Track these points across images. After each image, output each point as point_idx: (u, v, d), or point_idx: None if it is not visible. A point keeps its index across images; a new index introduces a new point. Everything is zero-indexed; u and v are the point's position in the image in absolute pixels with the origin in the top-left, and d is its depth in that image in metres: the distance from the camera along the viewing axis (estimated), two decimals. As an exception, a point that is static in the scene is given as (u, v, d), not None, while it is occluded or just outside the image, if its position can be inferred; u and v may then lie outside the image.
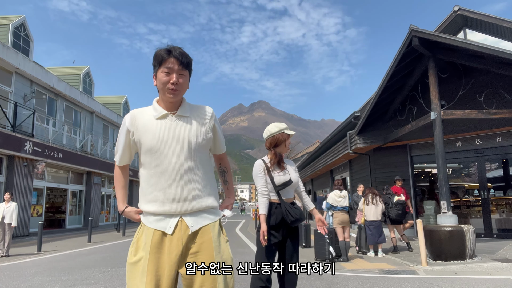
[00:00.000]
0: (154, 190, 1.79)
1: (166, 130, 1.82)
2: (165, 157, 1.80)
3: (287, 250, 3.01)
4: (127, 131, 1.88)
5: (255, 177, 3.12)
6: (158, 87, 1.86)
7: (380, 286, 5.09)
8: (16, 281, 5.79)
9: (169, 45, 1.87)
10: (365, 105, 12.41)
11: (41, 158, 15.25)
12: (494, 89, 8.93)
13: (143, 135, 1.84)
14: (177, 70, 1.81)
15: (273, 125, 3.24)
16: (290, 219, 2.94)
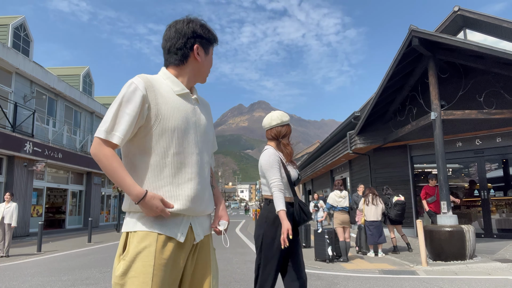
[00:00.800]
0: (168, 183, 1.43)
1: (190, 112, 1.53)
2: (189, 144, 1.49)
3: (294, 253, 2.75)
4: (143, 98, 1.41)
5: (269, 168, 2.65)
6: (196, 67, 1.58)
7: (380, 286, 5.09)
8: (16, 281, 5.80)
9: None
10: (365, 105, 12.42)
11: (41, 158, 15.25)
12: (494, 89, 8.93)
13: (165, 109, 1.45)
14: None
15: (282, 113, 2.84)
16: (303, 219, 2.69)
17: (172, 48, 1.55)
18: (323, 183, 21.53)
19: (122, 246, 1.41)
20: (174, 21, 1.59)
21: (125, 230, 1.44)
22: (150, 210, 1.37)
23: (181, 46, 1.54)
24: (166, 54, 1.58)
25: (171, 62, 1.56)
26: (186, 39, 1.54)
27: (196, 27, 1.56)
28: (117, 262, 1.39)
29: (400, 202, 8.57)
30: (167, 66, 1.59)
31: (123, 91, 1.42)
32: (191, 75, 1.58)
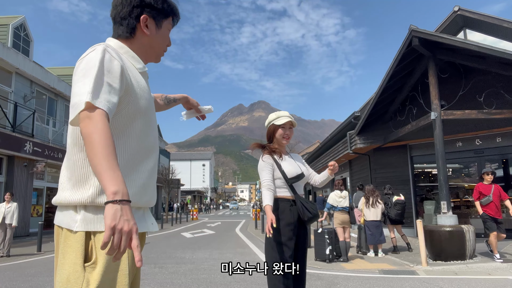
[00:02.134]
0: (136, 171, 1.25)
1: (149, 93, 1.38)
2: (153, 128, 1.35)
3: (299, 249, 2.77)
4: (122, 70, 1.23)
5: (260, 171, 2.80)
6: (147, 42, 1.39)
7: (380, 286, 5.10)
8: (16, 281, 5.79)
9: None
10: (365, 105, 12.42)
11: (41, 158, 15.25)
12: (494, 89, 8.93)
13: (137, 87, 1.28)
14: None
15: (273, 113, 2.97)
16: (307, 216, 2.69)
17: (117, 17, 1.36)
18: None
19: (81, 251, 1.12)
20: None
21: (83, 229, 1.14)
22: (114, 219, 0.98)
23: (125, 15, 1.34)
24: (113, 24, 1.39)
25: (119, 35, 1.37)
26: (132, 7, 1.34)
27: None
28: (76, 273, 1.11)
29: (400, 201, 8.57)
30: (116, 38, 1.38)
31: (96, 57, 1.17)
32: (142, 51, 1.39)
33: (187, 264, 7.17)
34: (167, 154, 42.89)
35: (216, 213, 48.08)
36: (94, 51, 1.20)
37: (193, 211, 28.77)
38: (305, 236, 2.83)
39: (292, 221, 2.70)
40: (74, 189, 1.17)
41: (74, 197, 1.16)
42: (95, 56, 1.18)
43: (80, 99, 1.09)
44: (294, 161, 2.91)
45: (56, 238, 1.24)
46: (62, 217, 1.20)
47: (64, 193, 1.19)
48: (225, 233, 15.14)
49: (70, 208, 1.19)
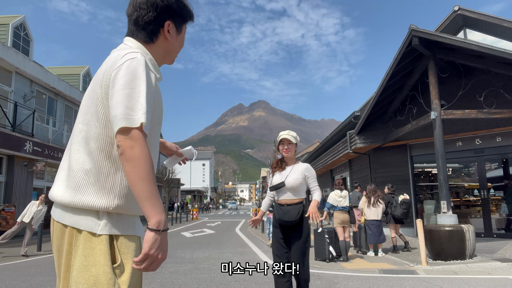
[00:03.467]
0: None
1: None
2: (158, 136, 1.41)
3: (292, 248, 3.25)
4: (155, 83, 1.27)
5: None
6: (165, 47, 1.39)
7: (380, 286, 5.10)
8: (16, 280, 5.79)
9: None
10: (365, 105, 12.42)
11: (41, 158, 15.25)
12: (494, 89, 8.93)
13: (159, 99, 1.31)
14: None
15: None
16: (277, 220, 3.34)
17: (140, 20, 1.33)
18: (323, 183, 21.54)
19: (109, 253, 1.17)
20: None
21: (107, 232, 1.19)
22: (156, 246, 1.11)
23: (150, 20, 1.33)
24: (131, 24, 1.36)
25: (138, 37, 1.36)
26: (157, 13, 1.33)
27: (171, 1, 1.36)
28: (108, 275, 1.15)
29: (407, 200, 8.61)
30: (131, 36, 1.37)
31: (140, 68, 1.20)
32: (160, 55, 1.39)
33: (187, 264, 7.17)
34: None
35: (216, 212, 48.10)
36: (136, 60, 1.21)
37: (193, 211, 28.78)
38: (298, 237, 3.20)
39: (276, 222, 3.38)
40: (99, 195, 1.20)
41: (99, 203, 1.19)
42: (138, 67, 1.20)
43: (135, 116, 1.13)
44: (290, 172, 3.38)
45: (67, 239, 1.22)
46: (79, 219, 1.20)
47: (86, 197, 1.20)
48: (225, 233, 15.14)
49: (91, 212, 1.20)
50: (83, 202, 1.19)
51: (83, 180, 1.21)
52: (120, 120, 1.12)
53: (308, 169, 3.40)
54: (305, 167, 3.40)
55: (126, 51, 1.24)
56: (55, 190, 1.27)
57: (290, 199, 3.31)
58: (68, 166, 1.26)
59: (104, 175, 1.21)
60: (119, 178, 1.22)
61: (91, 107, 1.24)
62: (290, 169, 3.38)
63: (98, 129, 1.21)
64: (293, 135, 3.45)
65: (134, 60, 1.20)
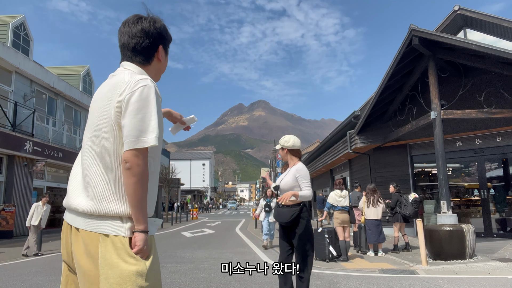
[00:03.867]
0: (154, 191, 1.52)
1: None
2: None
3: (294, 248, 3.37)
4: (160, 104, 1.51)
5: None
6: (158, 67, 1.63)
7: (380, 286, 5.10)
8: (16, 280, 5.80)
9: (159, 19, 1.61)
10: (365, 105, 12.41)
11: (41, 158, 15.25)
12: (494, 89, 8.93)
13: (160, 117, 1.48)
14: None
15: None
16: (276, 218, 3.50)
17: (138, 47, 1.54)
18: (323, 183, 21.53)
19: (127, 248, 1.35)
20: (136, 17, 1.57)
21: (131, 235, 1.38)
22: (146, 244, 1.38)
23: (147, 46, 1.54)
24: (129, 51, 1.55)
25: (135, 60, 1.56)
26: (152, 39, 1.55)
27: (161, 28, 1.59)
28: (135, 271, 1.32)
29: (418, 199, 8.65)
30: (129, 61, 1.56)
31: (153, 95, 1.40)
32: (153, 75, 1.60)
33: (187, 264, 7.17)
34: (167, 154, 42.83)
35: (216, 212, 48.09)
36: (147, 87, 1.40)
37: (193, 211, 28.77)
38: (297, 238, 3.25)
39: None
40: (121, 202, 1.37)
41: (122, 209, 1.37)
42: (150, 94, 1.39)
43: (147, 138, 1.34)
44: (286, 174, 3.53)
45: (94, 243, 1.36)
46: (105, 226, 1.36)
47: (110, 205, 1.36)
48: (225, 233, 15.14)
49: (115, 218, 1.37)
50: (108, 210, 1.35)
51: (105, 190, 1.37)
52: (132, 142, 1.33)
53: (298, 169, 3.44)
54: (296, 168, 3.46)
55: (138, 77, 1.43)
56: (74, 200, 1.42)
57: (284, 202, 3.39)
58: (84, 178, 1.41)
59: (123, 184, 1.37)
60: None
61: (103, 126, 1.40)
62: (287, 172, 3.56)
63: (114, 146, 1.39)
64: (282, 141, 3.62)
65: (146, 87, 1.39)
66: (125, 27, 1.55)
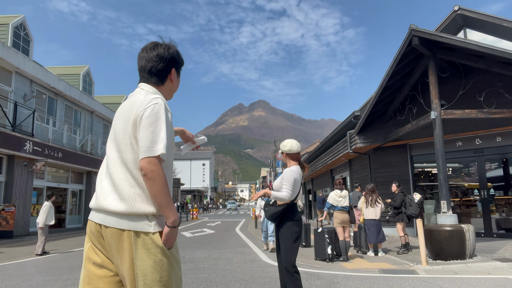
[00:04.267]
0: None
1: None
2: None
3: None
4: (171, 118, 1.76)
5: None
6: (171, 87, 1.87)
7: (380, 286, 5.10)
8: (16, 280, 5.80)
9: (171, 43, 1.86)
10: (365, 105, 12.41)
11: (41, 158, 15.25)
12: (494, 89, 8.93)
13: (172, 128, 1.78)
14: None
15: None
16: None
17: (153, 70, 1.78)
18: (323, 183, 21.53)
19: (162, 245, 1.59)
20: (153, 44, 1.82)
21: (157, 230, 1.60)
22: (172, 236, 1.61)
23: (161, 68, 1.79)
24: (145, 73, 1.79)
25: (151, 81, 1.80)
26: (166, 63, 1.79)
27: (174, 54, 1.83)
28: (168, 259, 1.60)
29: (422, 199, 8.72)
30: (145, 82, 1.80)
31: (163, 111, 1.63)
32: (166, 94, 1.84)
33: (187, 263, 7.17)
34: (167, 154, 42.68)
35: (216, 212, 48.09)
36: (158, 105, 1.62)
37: (193, 211, 28.78)
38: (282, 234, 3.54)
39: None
40: (147, 203, 1.58)
41: (149, 209, 1.58)
42: (160, 110, 1.62)
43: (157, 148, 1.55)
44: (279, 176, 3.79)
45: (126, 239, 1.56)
46: (135, 224, 1.57)
47: (139, 205, 1.57)
48: (225, 233, 15.14)
49: (143, 217, 1.58)
50: (138, 209, 1.56)
51: (133, 193, 1.59)
52: (145, 152, 1.55)
53: (285, 172, 3.63)
54: (285, 170, 3.66)
55: (151, 96, 1.66)
56: (104, 202, 1.61)
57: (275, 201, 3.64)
58: (112, 183, 1.63)
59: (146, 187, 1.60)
60: None
61: (124, 140, 1.65)
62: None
63: (133, 156, 1.62)
64: (281, 145, 3.82)
65: (156, 105, 1.62)
66: (143, 53, 1.80)
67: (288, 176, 3.54)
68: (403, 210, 8.42)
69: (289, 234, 3.53)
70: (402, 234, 8.46)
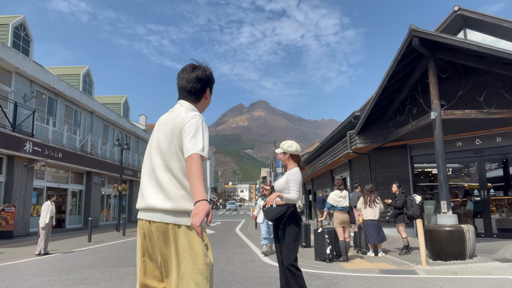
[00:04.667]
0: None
1: None
2: None
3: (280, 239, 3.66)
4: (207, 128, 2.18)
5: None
6: (204, 104, 2.19)
7: (380, 286, 5.10)
8: (16, 281, 5.80)
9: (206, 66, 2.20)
10: (365, 105, 12.42)
11: (41, 158, 15.26)
12: (494, 89, 8.93)
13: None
14: None
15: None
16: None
17: (192, 90, 2.10)
18: (323, 183, 21.53)
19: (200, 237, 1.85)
20: (192, 66, 2.14)
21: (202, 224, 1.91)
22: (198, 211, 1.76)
23: (199, 89, 2.11)
24: (185, 92, 2.11)
25: (189, 99, 2.12)
26: (203, 84, 2.12)
27: (210, 76, 2.17)
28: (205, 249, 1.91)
29: (423, 201, 8.69)
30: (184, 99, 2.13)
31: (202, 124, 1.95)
32: (200, 109, 2.16)
33: (187, 264, 7.16)
34: (167, 154, 42.72)
35: (216, 213, 48.07)
36: (198, 118, 1.94)
37: (193, 211, 28.75)
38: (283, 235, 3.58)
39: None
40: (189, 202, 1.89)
41: (191, 207, 1.87)
42: (200, 122, 1.93)
43: (195, 148, 1.82)
44: (282, 176, 3.78)
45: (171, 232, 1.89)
46: (178, 219, 1.88)
47: (183, 204, 1.88)
48: (225, 233, 15.14)
49: (185, 213, 1.88)
50: (182, 207, 1.88)
51: (178, 194, 1.90)
52: (189, 151, 1.83)
53: (291, 173, 3.68)
54: (289, 171, 3.71)
55: (191, 114, 1.97)
56: (153, 201, 1.91)
57: (276, 201, 3.68)
58: (159, 185, 1.93)
59: (188, 190, 1.91)
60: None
61: (169, 150, 1.95)
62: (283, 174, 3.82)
63: (179, 164, 1.93)
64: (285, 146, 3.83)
65: (196, 117, 1.94)
66: (183, 74, 2.12)
67: (295, 177, 3.64)
68: (404, 210, 8.39)
69: (291, 233, 3.57)
70: (405, 235, 8.41)
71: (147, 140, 31.26)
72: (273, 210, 3.65)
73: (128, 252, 9.30)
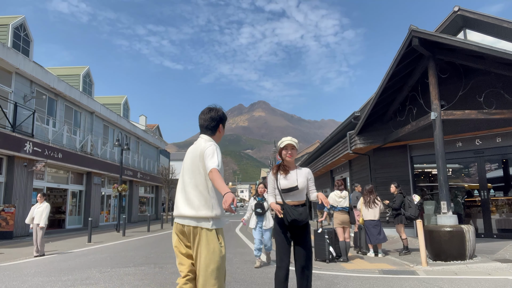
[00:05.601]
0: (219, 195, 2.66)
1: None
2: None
3: (295, 250, 3.49)
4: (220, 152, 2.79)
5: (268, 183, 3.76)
6: (219, 136, 2.85)
7: (380, 286, 5.10)
8: (16, 281, 5.79)
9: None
10: (365, 106, 12.42)
11: (41, 158, 15.25)
12: (494, 89, 8.93)
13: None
14: None
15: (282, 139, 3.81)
16: (287, 219, 3.43)
17: (209, 126, 2.77)
18: (323, 183, 21.53)
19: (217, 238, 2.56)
20: (208, 109, 2.82)
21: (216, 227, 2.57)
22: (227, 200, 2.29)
23: (214, 126, 2.79)
24: (204, 128, 2.79)
25: (207, 133, 2.78)
26: (217, 122, 2.80)
27: (222, 115, 2.85)
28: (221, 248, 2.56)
29: (421, 201, 8.71)
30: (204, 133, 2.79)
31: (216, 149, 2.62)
32: (216, 139, 2.82)
33: (187, 264, 7.15)
34: (167, 154, 42.84)
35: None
36: (213, 146, 2.62)
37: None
38: (300, 236, 3.47)
39: (283, 221, 3.48)
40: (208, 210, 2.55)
41: (209, 214, 2.55)
42: (214, 148, 2.60)
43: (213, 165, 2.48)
44: (296, 176, 3.57)
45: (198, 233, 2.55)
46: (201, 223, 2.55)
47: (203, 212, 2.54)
48: (225, 233, 15.12)
49: (206, 219, 2.55)
50: (203, 214, 2.54)
51: (198, 204, 2.57)
52: (210, 167, 2.49)
53: (310, 173, 3.71)
54: (307, 171, 3.68)
55: (209, 143, 2.66)
56: (184, 210, 2.59)
57: (299, 201, 3.55)
58: (187, 198, 2.61)
59: (209, 201, 2.57)
60: (216, 202, 2.59)
61: (195, 170, 2.64)
62: (296, 173, 3.59)
63: (202, 181, 2.61)
64: (295, 141, 3.72)
65: (212, 146, 2.62)
66: (202, 115, 2.81)
67: (313, 177, 3.69)
68: (402, 211, 8.33)
69: (309, 232, 3.53)
70: (405, 236, 8.39)
71: (147, 140, 31.27)
72: (305, 210, 3.48)
73: (128, 253, 9.29)
